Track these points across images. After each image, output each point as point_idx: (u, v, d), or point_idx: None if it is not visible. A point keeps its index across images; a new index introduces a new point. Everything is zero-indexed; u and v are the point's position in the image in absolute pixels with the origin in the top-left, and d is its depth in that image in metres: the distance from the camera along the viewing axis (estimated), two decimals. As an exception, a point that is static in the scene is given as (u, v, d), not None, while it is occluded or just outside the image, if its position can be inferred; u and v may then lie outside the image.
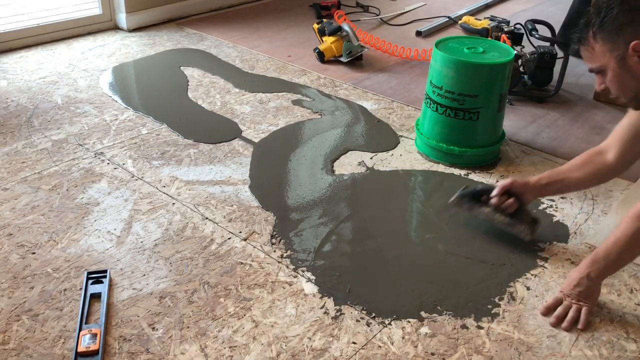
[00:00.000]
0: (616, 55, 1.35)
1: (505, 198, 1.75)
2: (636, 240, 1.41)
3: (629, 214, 1.42)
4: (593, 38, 1.37)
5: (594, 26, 1.36)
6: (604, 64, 1.39)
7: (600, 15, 1.35)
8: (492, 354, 1.42)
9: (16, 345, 1.39)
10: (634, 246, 1.43)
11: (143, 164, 2.15)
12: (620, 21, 1.32)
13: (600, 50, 1.37)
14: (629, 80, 1.38)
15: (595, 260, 1.49)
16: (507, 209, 1.75)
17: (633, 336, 1.47)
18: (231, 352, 1.40)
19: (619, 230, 1.43)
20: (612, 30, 1.34)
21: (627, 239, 1.41)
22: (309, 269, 1.67)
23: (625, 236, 1.41)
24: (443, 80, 2.13)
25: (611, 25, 1.33)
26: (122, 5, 3.48)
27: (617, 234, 1.44)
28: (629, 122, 1.63)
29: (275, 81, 2.91)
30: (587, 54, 1.42)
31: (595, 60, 1.41)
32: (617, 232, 1.44)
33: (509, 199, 1.75)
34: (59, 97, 2.66)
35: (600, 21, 1.35)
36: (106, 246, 1.73)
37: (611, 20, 1.33)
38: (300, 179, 2.09)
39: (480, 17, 3.74)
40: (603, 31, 1.35)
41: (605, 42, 1.36)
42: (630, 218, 1.41)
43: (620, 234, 1.43)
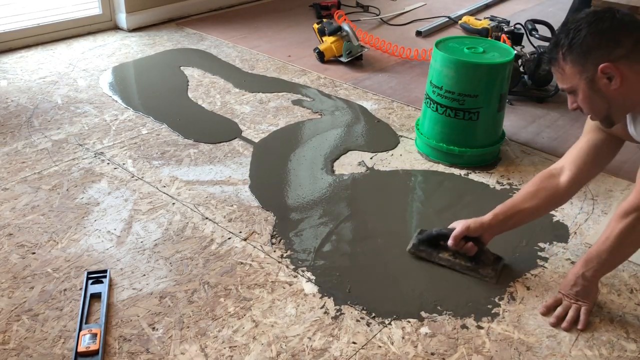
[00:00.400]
0: (585, 77, 1.35)
1: (464, 243, 1.64)
2: (624, 238, 1.41)
3: (616, 212, 1.43)
4: (563, 59, 1.36)
5: (562, 47, 1.35)
6: (574, 85, 1.38)
7: (569, 37, 1.34)
8: (492, 354, 1.42)
9: (16, 345, 1.39)
10: (624, 244, 1.43)
11: (143, 164, 2.15)
12: (588, 44, 1.31)
13: (570, 72, 1.36)
14: (599, 101, 1.37)
15: (588, 260, 1.49)
16: (467, 253, 1.66)
17: (633, 336, 1.47)
18: (231, 352, 1.40)
19: (608, 228, 1.44)
20: (580, 53, 1.33)
21: (615, 237, 1.42)
22: (309, 269, 1.67)
23: (614, 234, 1.42)
24: (443, 80, 2.13)
25: (579, 47, 1.32)
26: (122, 5, 3.48)
27: (606, 232, 1.44)
28: (586, 144, 1.60)
29: (275, 81, 2.91)
30: (557, 74, 1.41)
31: (566, 81, 1.39)
32: (607, 230, 1.44)
33: (467, 243, 1.64)
34: (59, 97, 2.66)
35: (569, 43, 1.34)
36: (106, 246, 1.73)
37: (579, 42, 1.32)
38: (300, 179, 2.09)
39: (480, 17, 3.75)
40: (572, 53, 1.34)
41: (574, 64, 1.35)
42: (617, 216, 1.42)
43: (609, 232, 1.43)
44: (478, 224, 1.63)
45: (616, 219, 1.42)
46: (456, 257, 1.68)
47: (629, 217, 1.39)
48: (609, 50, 1.30)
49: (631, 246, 1.45)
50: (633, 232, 1.40)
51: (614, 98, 1.35)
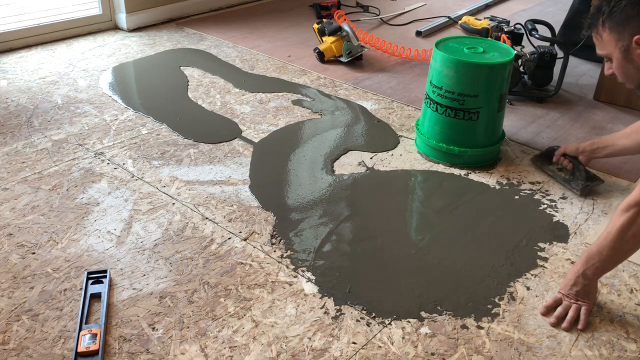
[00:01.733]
0: (621, 46, 1.39)
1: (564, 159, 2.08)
2: (626, 232, 1.40)
3: (618, 208, 1.43)
4: (602, 26, 1.41)
5: (603, 14, 1.40)
6: (610, 52, 1.42)
7: (610, 5, 1.38)
8: (492, 354, 1.42)
9: (16, 345, 1.39)
10: (625, 238, 1.42)
11: (143, 164, 2.15)
12: (628, 13, 1.35)
13: (607, 39, 1.41)
14: (632, 71, 1.42)
15: (589, 258, 1.49)
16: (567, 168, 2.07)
17: (633, 336, 1.47)
18: (231, 352, 1.40)
19: (609, 226, 1.44)
20: (619, 21, 1.37)
21: (616, 234, 1.41)
22: (309, 269, 1.67)
23: (615, 229, 1.42)
24: (443, 80, 2.13)
25: (618, 16, 1.36)
26: (122, 5, 3.48)
27: (607, 229, 1.44)
28: None
29: (275, 81, 2.91)
30: (596, 40, 1.45)
31: (603, 47, 1.44)
32: (608, 228, 1.44)
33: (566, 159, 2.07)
34: (59, 97, 2.66)
35: (610, 10, 1.38)
36: (106, 246, 1.73)
37: (619, 11, 1.36)
38: (300, 179, 2.09)
39: (480, 17, 3.75)
40: (611, 21, 1.38)
41: (612, 31, 1.39)
42: (619, 211, 1.42)
43: (611, 227, 1.43)
44: (574, 146, 2.08)
45: (617, 214, 1.42)
46: (560, 170, 2.11)
47: (630, 211, 1.39)
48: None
49: (632, 241, 1.43)
50: (634, 226, 1.39)
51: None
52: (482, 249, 1.77)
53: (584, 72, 3.10)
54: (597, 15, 1.43)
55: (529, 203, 2.00)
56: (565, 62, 2.70)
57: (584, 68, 3.15)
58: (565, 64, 2.70)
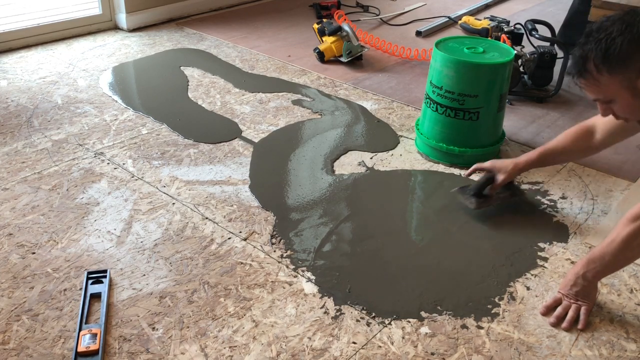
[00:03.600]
0: (627, 85, 1.31)
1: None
2: (630, 242, 1.40)
3: (625, 216, 1.42)
4: (597, 71, 1.32)
5: (595, 59, 1.31)
6: (612, 94, 1.35)
7: (601, 47, 1.29)
8: (492, 354, 1.42)
9: (16, 345, 1.39)
10: (629, 248, 1.42)
11: (143, 164, 2.15)
12: (626, 51, 1.27)
13: (608, 82, 1.33)
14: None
15: (591, 261, 1.49)
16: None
17: (633, 336, 1.47)
18: (231, 352, 1.40)
19: (615, 232, 1.43)
20: (619, 62, 1.29)
21: (621, 242, 1.41)
22: (309, 269, 1.67)
23: (620, 238, 1.41)
24: (443, 80, 2.13)
25: (617, 56, 1.28)
26: (122, 5, 3.48)
27: (612, 235, 1.44)
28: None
29: (275, 81, 2.91)
30: (591, 86, 1.36)
31: (602, 92, 1.36)
32: (613, 234, 1.44)
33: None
34: (59, 97, 2.66)
35: (604, 53, 1.29)
36: (106, 246, 1.73)
37: (617, 51, 1.28)
38: (300, 179, 2.09)
39: (480, 17, 3.74)
40: (609, 63, 1.30)
41: (613, 74, 1.31)
42: (626, 220, 1.41)
43: (615, 236, 1.43)
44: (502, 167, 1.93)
45: (624, 223, 1.41)
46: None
47: (637, 222, 1.38)
48: None
49: (636, 251, 1.44)
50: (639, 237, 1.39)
51: None
52: (482, 249, 1.77)
53: (584, 72, 3.10)
54: (586, 62, 1.33)
55: (529, 203, 2.00)
56: (565, 62, 2.70)
57: (584, 68, 3.14)
58: (565, 64, 2.70)
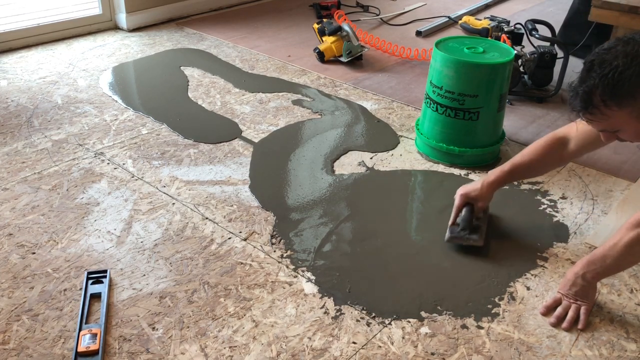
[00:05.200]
0: (637, 115, 1.30)
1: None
2: (632, 248, 1.41)
3: (628, 220, 1.42)
4: (604, 106, 1.31)
5: (603, 95, 1.29)
6: (620, 124, 1.35)
7: (609, 83, 1.28)
8: (492, 354, 1.42)
9: (16, 345, 1.39)
10: (631, 253, 1.43)
11: (143, 164, 2.15)
12: (635, 84, 1.27)
13: (617, 114, 1.31)
14: None
15: (591, 262, 1.49)
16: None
17: (633, 336, 1.47)
18: (231, 352, 1.40)
19: (618, 235, 1.44)
20: (626, 94, 1.28)
21: (623, 246, 1.42)
22: (309, 269, 1.67)
23: (622, 243, 1.42)
24: (443, 80, 2.13)
25: (627, 90, 1.27)
26: (122, 5, 3.48)
27: (615, 239, 1.44)
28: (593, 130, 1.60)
29: (275, 81, 2.91)
30: (597, 120, 1.36)
31: (610, 124, 1.36)
32: (616, 237, 1.44)
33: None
34: (59, 97, 2.66)
35: (612, 88, 1.28)
36: (106, 246, 1.73)
37: (625, 86, 1.27)
38: (300, 179, 2.09)
39: (480, 17, 3.74)
40: (617, 98, 1.28)
41: (622, 106, 1.29)
42: (630, 224, 1.41)
43: (618, 239, 1.43)
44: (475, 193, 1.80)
45: (627, 227, 1.41)
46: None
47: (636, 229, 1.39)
48: None
49: (637, 256, 1.45)
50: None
51: None
52: (482, 249, 1.77)
53: (584, 72, 3.10)
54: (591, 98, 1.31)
55: (529, 203, 2.00)
56: (565, 62, 2.70)
57: (584, 68, 3.14)
58: (565, 64, 2.70)
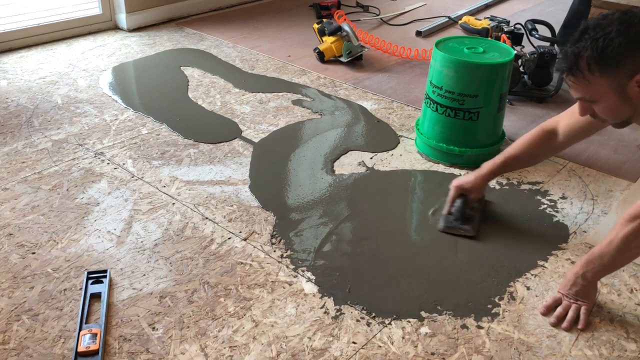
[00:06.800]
0: (616, 88, 1.31)
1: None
2: (629, 242, 1.40)
3: (622, 216, 1.42)
4: (588, 70, 1.31)
5: (589, 58, 1.30)
6: (599, 94, 1.34)
7: (598, 47, 1.28)
8: (492, 353, 1.42)
9: (16, 345, 1.39)
10: (628, 248, 1.42)
11: (143, 164, 2.15)
12: (622, 53, 1.26)
13: (598, 82, 1.32)
14: (625, 109, 1.35)
15: (590, 261, 1.49)
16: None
17: (633, 336, 1.47)
18: (231, 352, 1.40)
19: (613, 232, 1.43)
20: (612, 63, 1.28)
21: (620, 242, 1.41)
22: (309, 268, 1.67)
23: (618, 238, 1.41)
24: (443, 80, 2.13)
25: (612, 57, 1.27)
26: (122, 5, 3.48)
27: (611, 235, 1.44)
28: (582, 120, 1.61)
29: (275, 81, 2.91)
30: (578, 84, 1.35)
31: (589, 91, 1.35)
32: (612, 233, 1.44)
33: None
34: (59, 97, 2.66)
35: (600, 53, 1.28)
36: (106, 246, 1.73)
37: (613, 52, 1.27)
38: (300, 179, 2.09)
39: (480, 17, 3.74)
40: (602, 63, 1.29)
41: (604, 74, 1.30)
42: (624, 220, 1.41)
43: (614, 235, 1.43)
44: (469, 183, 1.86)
45: (622, 223, 1.41)
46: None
47: (635, 222, 1.38)
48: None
49: (635, 251, 1.44)
50: (638, 237, 1.39)
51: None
52: (482, 249, 1.77)
53: (584, 72, 3.10)
54: (578, 60, 1.31)
55: (529, 203, 2.00)
56: (565, 62, 2.70)
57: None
58: (565, 64, 2.70)
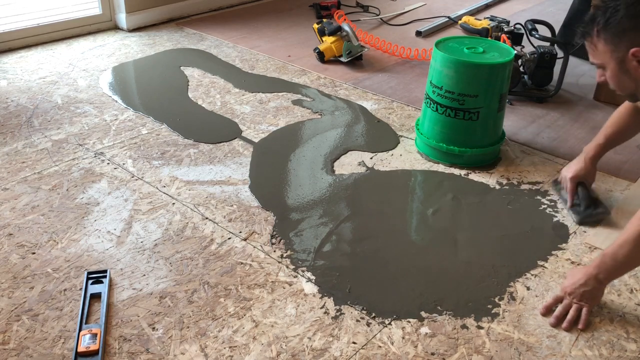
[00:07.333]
0: (616, 57, 1.40)
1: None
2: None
3: (636, 216, 1.41)
4: (596, 36, 1.42)
5: (598, 24, 1.40)
6: (605, 62, 1.44)
7: (606, 16, 1.38)
8: (492, 354, 1.42)
9: (16, 345, 1.39)
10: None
11: (143, 164, 2.15)
12: (624, 25, 1.36)
13: (602, 49, 1.42)
14: (627, 81, 1.44)
15: (603, 262, 1.47)
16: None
17: (633, 336, 1.47)
18: (231, 352, 1.40)
19: (626, 232, 1.42)
20: (615, 33, 1.37)
21: (633, 241, 1.40)
22: (309, 269, 1.67)
23: (632, 238, 1.40)
24: (443, 80, 2.13)
25: (615, 27, 1.37)
26: (122, 5, 3.48)
27: (623, 236, 1.43)
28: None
29: (275, 81, 2.91)
30: (590, 49, 1.47)
31: (597, 56, 1.46)
32: (624, 234, 1.43)
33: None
34: (59, 97, 2.66)
35: (605, 21, 1.38)
36: (106, 246, 1.73)
37: (616, 22, 1.37)
38: (300, 179, 2.09)
39: (480, 17, 3.75)
40: (607, 32, 1.39)
41: (607, 42, 1.40)
42: (637, 219, 1.40)
43: (627, 236, 1.42)
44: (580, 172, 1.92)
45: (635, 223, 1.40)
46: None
47: None
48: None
49: None
50: None
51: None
52: (482, 249, 1.77)
53: (584, 72, 3.10)
54: (592, 25, 1.43)
55: (529, 203, 2.00)
56: (565, 62, 2.70)
57: (584, 68, 3.15)
58: (565, 64, 2.70)
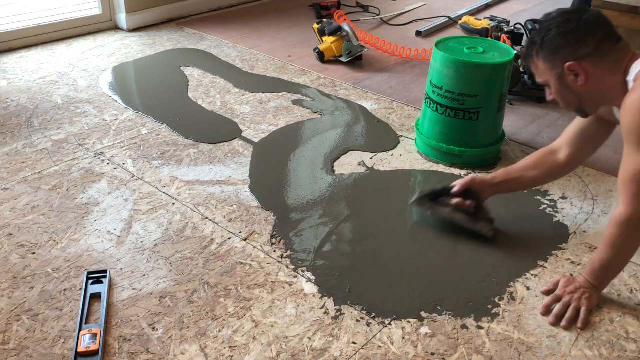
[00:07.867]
0: (555, 74, 1.47)
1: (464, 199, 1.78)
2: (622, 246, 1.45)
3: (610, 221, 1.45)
4: (536, 56, 1.50)
5: (536, 45, 1.48)
6: (547, 79, 1.51)
7: (541, 36, 1.46)
8: (492, 354, 1.42)
9: (16, 345, 1.39)
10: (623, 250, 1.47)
11: (143, 164, 2.15)
12: (557, 42, 1.43)
13: (543, 68, 1.50)
14: (570, 96, 1.50)
15: (593, 270, 1.53)
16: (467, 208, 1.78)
17: (633, 336, 1.47)
18: (231, 352, 1.40)
19: (605, 238, 1.47)
20: (550, 50, 1.45)
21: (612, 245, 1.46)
22: (309, 269, 1.67)
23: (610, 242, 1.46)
24: (443, 80, 2.13)
25: (549, 45, 1.45)
26: (122, 5, 3.48)
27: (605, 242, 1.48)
28: (579, 125, 1.71)
29: (275, 81, 2.91)
30: (534, 69, 1.54)
31: (540, 75, 1.53)
32: (604, 240, 1.48)
33: (467, 198, 1.79)
34: (59, 97, 2.66)
35: (541, 41, 1.46)
36: (106, 246, 1.73)
37: (549, 41, 1.44)
38: (300, 179, 2.09)
39: (480, 17, 3.75)
40: (543, 50, 1.47)
41: (545, 60, 1.48)
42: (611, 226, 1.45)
43: (607, 241, 1.47)
44: (482, 179, 1.81)
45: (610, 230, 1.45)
46: (456, 211, 1.79)
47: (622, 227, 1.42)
48: (575, 49, 1.42)
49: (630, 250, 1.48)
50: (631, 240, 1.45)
51: (582, 93, 1.47)
52: (482, 249, 1.77)
53: (584, 72, 3.10)
54: (531, 47, 1.50)
55: (529, 203, 2.00)
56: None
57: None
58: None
